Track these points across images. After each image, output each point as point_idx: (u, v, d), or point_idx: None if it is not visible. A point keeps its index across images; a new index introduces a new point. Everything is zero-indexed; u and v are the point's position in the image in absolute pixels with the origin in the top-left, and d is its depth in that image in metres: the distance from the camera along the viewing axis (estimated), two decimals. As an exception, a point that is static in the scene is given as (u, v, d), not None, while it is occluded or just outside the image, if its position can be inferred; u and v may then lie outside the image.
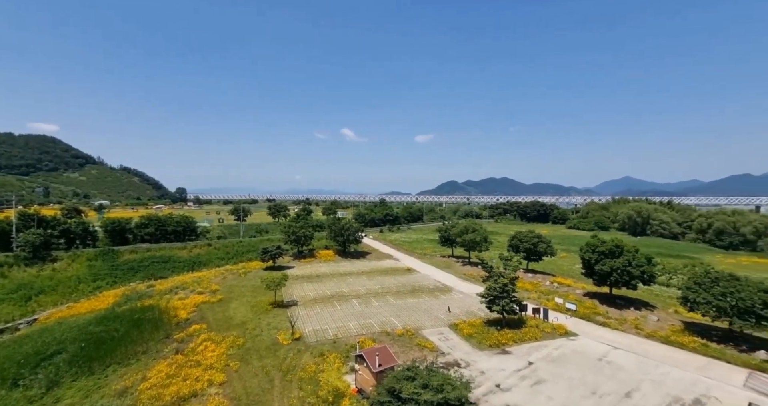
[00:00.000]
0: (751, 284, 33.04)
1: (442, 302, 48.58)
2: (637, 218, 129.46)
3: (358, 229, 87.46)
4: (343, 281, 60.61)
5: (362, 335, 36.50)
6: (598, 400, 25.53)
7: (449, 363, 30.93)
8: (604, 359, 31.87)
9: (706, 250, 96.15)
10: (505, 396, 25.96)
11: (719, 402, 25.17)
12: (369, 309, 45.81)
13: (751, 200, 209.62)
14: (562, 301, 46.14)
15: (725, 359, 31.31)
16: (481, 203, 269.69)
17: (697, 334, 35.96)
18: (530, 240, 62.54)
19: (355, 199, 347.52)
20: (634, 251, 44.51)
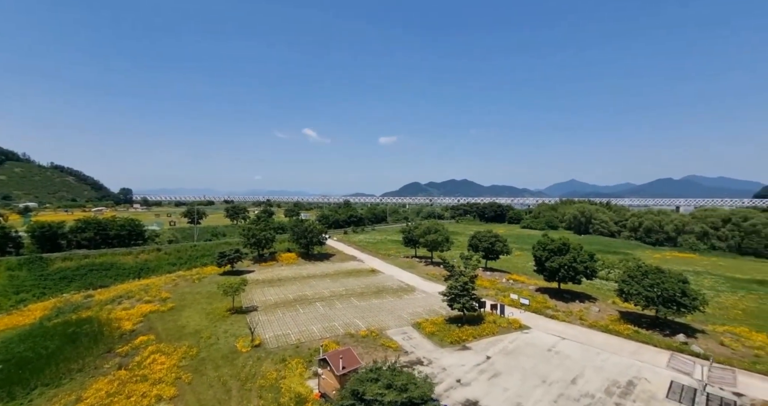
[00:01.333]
0: (672, 275, 37.52)
1: (405, 302, 49.35)
2: (581, 217, 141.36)
3: (321, 231, 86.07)
4: (306, 284, 59.30)
5: (326, 339, 36.02)
6: (547, 388, 27.48)
7: (412, 362, 31.54)
8: (553, 349, 34.37)
9: (638, 246, 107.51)
10: (465, 391, 27.04)
11: (648, 382, 28.27)
12: (333, 312, 45.29)
13: (672, 202, 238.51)
14: (516, 297, 48.98)
15: (653, 344, 35.21)
16: (443, 204, 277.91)
17: (631, 322, 40.08)
18: (488, 240, 65.68)
19: (319, 200, 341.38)
20: (578, 249, 48.53)
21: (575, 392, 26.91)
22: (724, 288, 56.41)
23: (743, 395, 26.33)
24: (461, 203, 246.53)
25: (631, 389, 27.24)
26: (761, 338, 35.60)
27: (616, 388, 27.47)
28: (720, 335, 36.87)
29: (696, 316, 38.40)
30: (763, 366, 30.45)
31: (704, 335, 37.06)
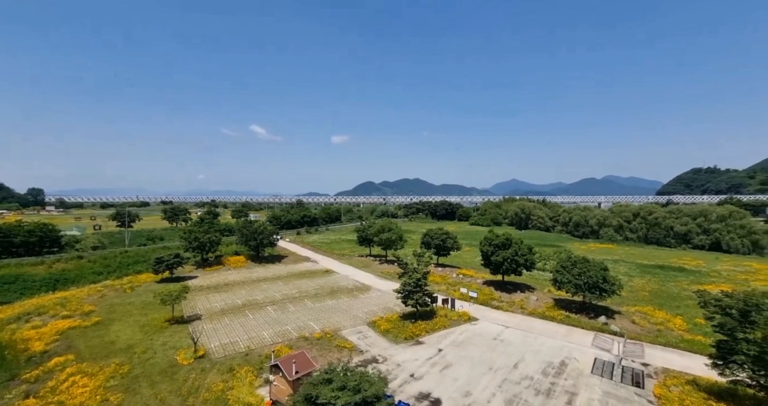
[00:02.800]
0: (595, 264, 42.47)
1: (361, 301, 49.46)
2: (521, 214, 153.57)
3: (273, 232, 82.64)
4: (256, 288, 56.52)
5: (278, 344, 34.75)
6: (493, 374, 29.51)
7: (367, 360, 31.76)
8: (498, 338, 36.95)
9: (568, 239, 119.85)
10: (418, 384, 27.94)
11: (577, 361, 31.73)
12: (285, 315, 43.80)
13: (595, 199, 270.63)
14: (466, 290, 51.73)
15: (581, 326, 39.59)
16: (396, 203, 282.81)
17: (563, 308, 44.58)
18: (440, 237, 68.36)
19: (270, 200, 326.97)
20: (519, 243, 52.64)
21: (517, 375, 29.26)
22: (635, 273, 65.20)
23: (649, 365, 30.80)
24: (414, 201, 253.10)
25: (563, 369, 30.34)
26: (662, 315, 41.84)
27: (551, 369, 30.40)
28: (632, 314, 42.60)
29: (614, 299, 43.86)
30: (663, 339, 35.88)
31: (620, 315, 42.55)
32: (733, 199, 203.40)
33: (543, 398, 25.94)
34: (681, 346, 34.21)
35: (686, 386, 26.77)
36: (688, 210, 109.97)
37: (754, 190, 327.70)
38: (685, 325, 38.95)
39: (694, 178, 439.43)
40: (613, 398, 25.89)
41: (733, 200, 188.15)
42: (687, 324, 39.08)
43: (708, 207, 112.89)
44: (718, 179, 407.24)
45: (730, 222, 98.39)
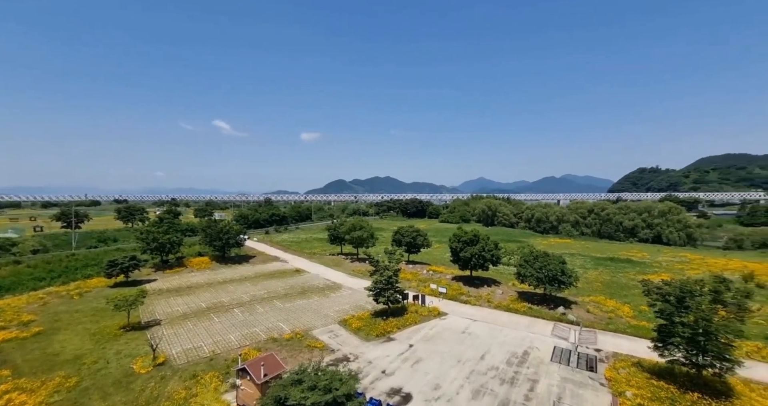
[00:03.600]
0: (555, 258, 45.18)
1: (332, 300, 49.06)
2: (488, 211, 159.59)
3: (239, 231, 79.63)
4: (222, 290, 54.23)
5: (246, 347, 33.66)
6: (461, 366, 30.55)
7: (339, 359, 31.65)
8: (466, 331, 38.27)
9: (531, 234, 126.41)
10: (390, 380, 28.30)
11: (538, 350, 33.65)
12: (254, 317, 42.47)
13: (554, 196, 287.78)
14: (436, 286, 52.97)
15: (542, 317, 41.99)
16: (368, 201, 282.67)
17: (526, 300, 47.03)
18: (410, 234, 69.36)
19: (237, 199, 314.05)
20: (486, 239, 54.72)
21: (483, 366, 30.50)
22: (589, 266, 70.15)
23: (601, 350, 33.35)
24: (385, 199, 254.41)
25: (526, 358, 32.06)
26: (612, 304, 45.42)
27: (515, 358, 32.02)
28: (587, 304, 45.85)
29: (571, 290, 46.89)
30: (613, 325, 39.00)
31: (577, 305, 45.62)
32: (671, 196, 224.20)
33: (507, 387, 27.27)
34: (628, 331, 37.34)
35: (632, 368, 29.30)
36: (635, 206, 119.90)
37: (688, 188, 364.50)
38: (632, 312, 42.52)
39: (640, 177, 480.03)
40: (570, 383, 27.78)
41: (672, 197, 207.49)
42: (633, 311, 42.66)
43: (651, 204, 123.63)
44: (659, 178, 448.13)
45: (670, 217, 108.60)
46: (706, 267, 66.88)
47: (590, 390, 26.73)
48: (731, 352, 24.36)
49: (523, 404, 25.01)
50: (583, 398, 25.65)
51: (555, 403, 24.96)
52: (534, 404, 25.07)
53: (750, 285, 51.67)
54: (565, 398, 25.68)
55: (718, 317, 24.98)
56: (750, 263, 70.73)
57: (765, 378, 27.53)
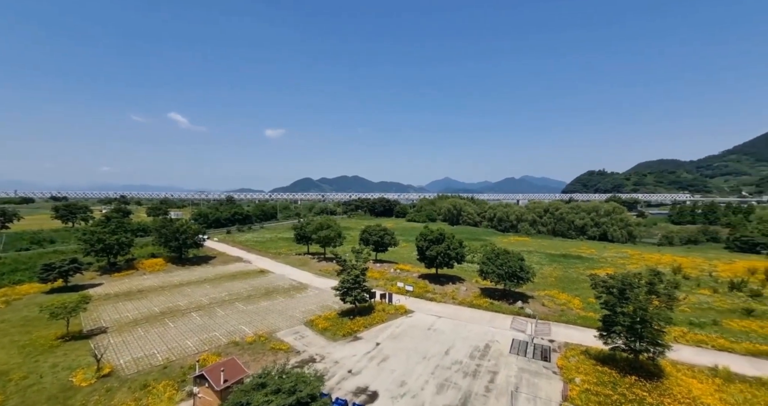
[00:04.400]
0: (514, 255, 47.70)
1: (297, 301, 48.07)
2: (453, 210, 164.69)
3: (198, 231, 75.40)
4: (178, 293, 51.07)
5: (204, 352, 32.04)
6: (427, 362, 31.32)
7: (305, 360, 31.12)
8: (431, 328, 39.25)
9: (493, 233, 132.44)
10: (356, 379, 28.33)
11: (499, 343, 35.37)
12: (213, 320, 40.47)
13: (514, 196, 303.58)
14: (402, 284, 53.74)
15: (502, 311, 44.17)
16: (335, 200, 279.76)
17: (488, 296, 49.18)
18: (378, 233, 69.73)
19: (196, 197, 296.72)
20: (451, 238, 56.42)
21: (448, 361, 31.50)
22: (545, 262, 74.91)
23: (554, 341, 35.77)
24: (353, 198, 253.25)
25: (487, 351, 33.57)
26: (565, 297, 48.86)
27: (477, 352, 33.40)
28: (542, 298, 48.91)
29: (529, 285, 49.82)
30: (565, 317, 41.99)
31: (533, 299, 48.52)
32: (615, 197, 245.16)
33: (470, 380, 28.40)
34: (578, 322, 40.39)
35: (580, 356, 31.77)
36: (585, 206, 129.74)
37: (629, 189, 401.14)
38: (582, 304, 46.02)
39: (589, 179, 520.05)
40: (526, 373, 29.52)
41: (616, 198, 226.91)
42: (583, 304, 46.19)
43: (598, 204, 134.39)
44: (605, 180, 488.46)
45: (614, 216, 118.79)
46: (644, 262, 74.02)
47: (544, 379, 28.60)
48: (662, 337, 27.24)
49: (484, 396, 26.18)
50: (537, 387, 27.38)
51: (513, 392, 26.41)
52: (494, 394, 26.35)
53: (678, 277, 58.10)
54: (522, 388, 27.26)
55: (653, 307, 27.80)
56: (678, 257, 79.45)
57: (688, 359, 31.09)
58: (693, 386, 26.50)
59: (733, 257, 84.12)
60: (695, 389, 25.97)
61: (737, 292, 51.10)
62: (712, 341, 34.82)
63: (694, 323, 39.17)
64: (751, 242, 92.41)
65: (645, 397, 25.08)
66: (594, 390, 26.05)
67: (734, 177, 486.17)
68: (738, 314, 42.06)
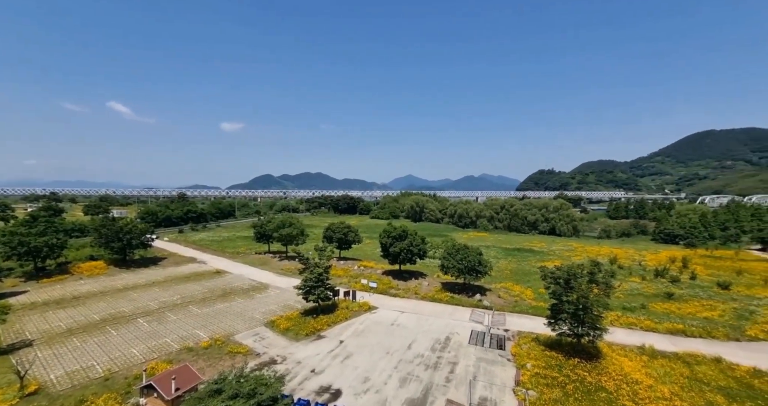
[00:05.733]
0: (473, 250, 49.94)
1: (257, 302, 46.35)
2: (416, 207, 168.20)
3: (146, 230, 69.63)
4: (122, 298, 46.88)
5: (153, 360, 29.81)
6: (390, 357, 31.84)
7: (265, 363, 30.18)
8: (395, 323, 39.91)
9: (454, 229, 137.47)
10: (319, 378, 28.05)
11: (459, 335, 36.90)
12: (164, 326, 37.74)
13: (474, 194, 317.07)
14: (366, 281, 53.94)
15: (462, 304, 46.09)
16: (298, 197, 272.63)
17: (449, 290, 51.01)
18: (342, 231, 69.19)
19: (142, 194, 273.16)
20: (414, 234, 57.60)
21: (410, 355, 32.28)
22: (501, 256, 79.32)
23: (509, 330, 38.10)
24: (316, 195, 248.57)
25: (448, 343, 34.88)
26: (518, 289, 52.15)
27: (438, 345, 34.59)
28: (498, 290, 51.78)
29: (486, 279, 52.45)
30: (519, 307, 44.87)
31: (490, 291, 51.18)
32: (562, 194, 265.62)
33: (431, 372, 29.37)
34: (530, 312, 43.34)
35: (532, 343, 34.17)
36: (536, 203, 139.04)
37: (574, 187, 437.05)
38: (533, 295, 49.41)
39: (540, 178, 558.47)
40: (483, 362, 31.15)
41: (563, 196, 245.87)
42: (534, 294, 49.60)
43: (548, 201, 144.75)
44: (554, 179, 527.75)
45: (561, 212, 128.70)
46: (586, 253, 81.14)
47: (499, 366, 30.40)
48: (601, 322, 30.16)
49: (445, 386, 27.24)
50: (493, 374, 29.04)
51: (471, 381, 27.76)
52: (453, 384, 27.50)
53: (614, 267, 64.48)
54: (480, 376, 28.75)
55: (593, 295, 30.64)
56: (614, 248, 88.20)
57: (621, 340, 34.76)
58: (625, 364, 29.69)
59: (658, 247, 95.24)
60: (626, 367, 29.12)
61: (661, 278, 57.97)
62: (641, 323, 39.24)
63: (626, 308, 43.81)
64: (671, 234, 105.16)
65: (585, 377, 27.66)
66: (543, 374, 28.19)
67: (659, 177, 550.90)
68: (661, 298, 47.74)
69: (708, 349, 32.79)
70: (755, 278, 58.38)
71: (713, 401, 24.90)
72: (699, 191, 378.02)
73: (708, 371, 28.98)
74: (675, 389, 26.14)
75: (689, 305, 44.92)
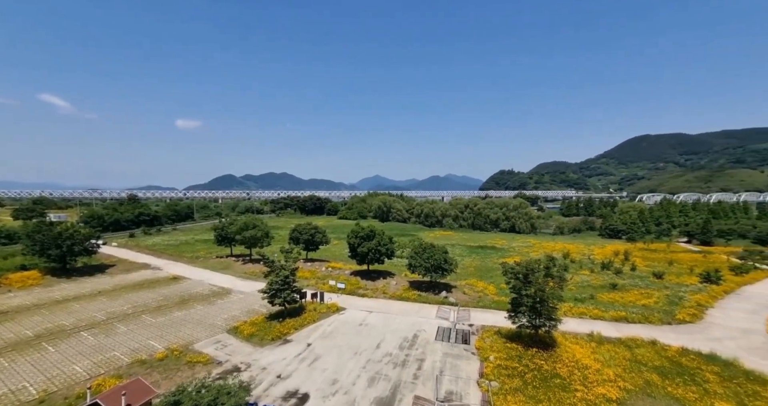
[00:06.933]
0: (439, 249, 51.32)
1: (219, 308, 44.21)
2: (383, 207, 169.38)
3: (90, 235, 63.68)
4: (62, 310, 42.53)
5: (100, 376, 27.43)
6: (359, 357, 31.85)
7: (228, 371, 28.90)
8: (363, 323, 39.96)
9: (421, 228, 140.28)
10: (286, 383, 27.39)
11: (425, 332, 37.74)
12: (112, 338, 34.80)
13: (439, 193, 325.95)
14: (334, 282, 53.44)
15: (429, 302, 47.19)
16: (262, 198, 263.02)
17: (416, 288, 51.98)
18: (309, 232, 67.92)
19: (86, 195, 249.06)
20: (382, 234, 57.98)
21: (379, 354, 32.50)
22: (465, 254, 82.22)
23: (473, 325, 39.65)
24: (282, 196, 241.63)
25: (415, 341, 35.56)
26: (482, 285, 54.42)
27: (406, 342, 35.15)
28: (463, 287, 53.64)
29: (452, 276, 54.10)
30: (482, 303, 46.85)
31: (456, 288, 52.88)
32: (521, 194, 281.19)
33: (399, 369, 29.80)
34: (492, 306, 45.39)
35: (494, 336, 35.84)
36: (498, 202, 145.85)
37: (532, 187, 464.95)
38: (495, 290, 51.76)
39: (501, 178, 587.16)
40: (450, 357, 32.16)
41: (522, 195, 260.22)
42: (496, 289, 51.97)
43: (508, 200, 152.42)
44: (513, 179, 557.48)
45: (520, 210, 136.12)
46: (543, 249, 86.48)
47: (464, 360, 31.56)
48: (556, 313, 32.35)
49: (413, 383, 27.77)
50: (459, 368, 30.09)
51: (438, 376, 28.57)
52: (421, 380, 28.13)
53: (567, 261, 69.44)
54: (446, 371, 29.65)
55: (549, 288, 32.80)
56: (567, 244, 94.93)
57: (573, 329, 37.51)
58: (576, 351, 32.12)
59: (604, 242, 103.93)
60: (578, 354, 31.52)
61: (606, 271, 63.31)
62: (590, 312, 42.63)
63: (577, 299, 47.34)
64: (615, 230, 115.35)
65: (542, 365, 29.56)
66: (504, 365, 29.70)
67: (605, 177, 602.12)
68: (607, 289, 52.15)
69: (646, 333, 36.38)
70: (683, 268, 65.65)
71: (650, 380, 27.71)
72: (638, 190, 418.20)
73: (646, 353, 32.17)
74: (618, 372, 28.74)
75: (630, 294, 49.48)
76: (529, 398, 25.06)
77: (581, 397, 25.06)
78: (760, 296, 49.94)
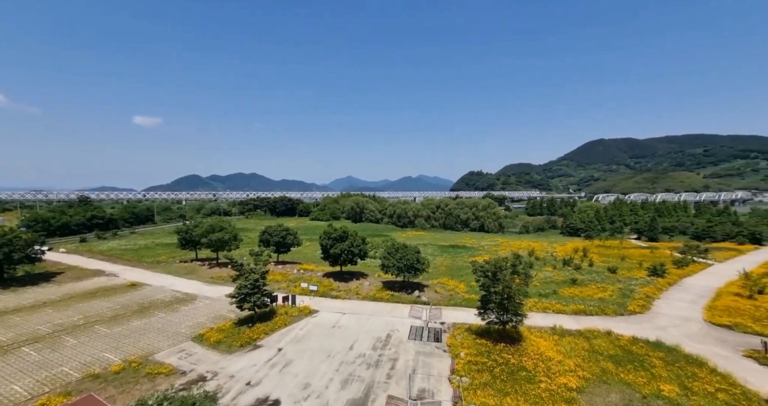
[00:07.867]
0: (411, 249, 52.02)
1: (183, 315, 41.98)
2: (356, 208, 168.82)
3: (32, 241, 58.07)
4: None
5: (45, 394, 25.14)
6: (331, 360, 31.54)
7: (192, 381, 27.54)
8: (336, 325, 39.60)
9: (393, 229, 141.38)
10: (256, 390, 26.56)
11: (399, 331, 38.10)
12: (59, 353, 31.98)
13: (412, 194, 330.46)
14: (306, 285, 52.52)
15: (402, 302, 47.67)
16: (230, 199, 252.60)
17: (389, 288, 52.32)
18: (279, 233, 66.24)
19: (28, 197, 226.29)
20: (354, 235, 57.79)
21: (352, 356, 32.38)
22: (437, 253, 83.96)
23: (445, 323, 40.54)
24: (251, 197, 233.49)
25: (388, 341, 35.79)
26: (453, 283, 55.82)
27: (379, 343, 35.29)
28: (435, 286, 54.72)
29: (424, 275, 55.03)
30: (453, 301, 48.05)
31: (428, 287, 53.84)
32: (490, 194, 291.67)
33: (373, 370, 29.87)
34: (463, 304, 46.67)
35: (465, 333, 36.90)
36: (468, 202, 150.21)
37: (499, 187, 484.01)
38: (466, 288, 53.27)
39: (470, 178, 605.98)
40: (422, 355, 32.70)
41: (490, 195, 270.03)
42: (467, 287, 53.49)
43: (477, 200, 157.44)
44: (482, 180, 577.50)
45: (489, 211, 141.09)
46: (510, 248, 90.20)
47: (436, 358, 32.23)
48: (522, 309, 33.91)
49: (386, 383, 27.94)
50: (431, 366, 30.68)
51: (410, 375, 28.96)
52: (394, 380, 28.37)
53: (532, 259, 72.93)
54: (419, 369, 30.12)
55: (515, 284, 34.31)
56: (532, 242, 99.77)
57: (537, 323, 39.44)
58: (540, 344, 33.86)
59: (565, 240, 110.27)
60: (542, 346, 33.24)
61: (567, 267, 67.25)
62: (552, 306, 45.08)
63: (541, 294, 49.88)
64: (575, 228, 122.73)
65: (509, 359, 30.87)
66: (474, 360, 30.67)
67: (565, 178, 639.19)
68: (567, 284, 55.39)
69: (602, 324, 39.05)
70: (633, 262, 71.20)
71: (605, 368, 29.80)
72: (594, 191, 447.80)
73: (602, 343, 34.53)
74: (578, 362, 30.64)
75: (588, 288, 52.90)
76: (498, 392, 26.07)
77: (545, 387, 26.45)
78: (698, 287, 55.25)
